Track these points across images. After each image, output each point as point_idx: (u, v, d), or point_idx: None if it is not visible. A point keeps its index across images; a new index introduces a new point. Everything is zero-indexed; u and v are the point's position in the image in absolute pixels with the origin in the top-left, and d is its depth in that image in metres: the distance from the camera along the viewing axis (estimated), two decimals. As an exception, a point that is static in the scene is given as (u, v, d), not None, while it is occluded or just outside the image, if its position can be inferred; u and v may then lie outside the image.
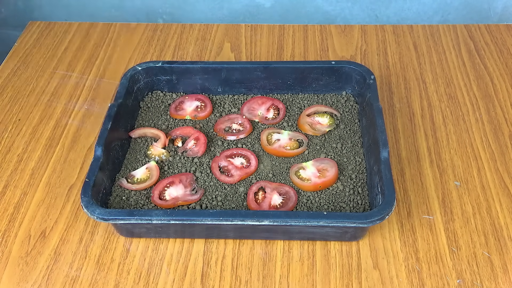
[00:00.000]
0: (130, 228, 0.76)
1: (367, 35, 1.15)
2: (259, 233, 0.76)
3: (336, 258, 0.74)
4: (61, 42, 1.15)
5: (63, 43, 1.15)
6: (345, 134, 0.89)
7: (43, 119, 0.98)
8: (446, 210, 0.80)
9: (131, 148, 0.88)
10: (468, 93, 1.00)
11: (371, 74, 0.90)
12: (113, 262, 0.75)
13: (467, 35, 1.14)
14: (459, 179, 0.84)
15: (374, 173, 0.77)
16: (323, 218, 0.69)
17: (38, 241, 0.78)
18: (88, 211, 0.71)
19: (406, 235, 0.77)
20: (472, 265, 0.73)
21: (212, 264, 0.74)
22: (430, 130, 0.92)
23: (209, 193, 0.80)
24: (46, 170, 0.88)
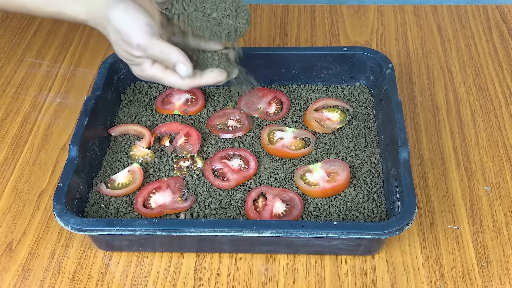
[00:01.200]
0: (110, 240, 0.76)
1: (384, 16, 1.16)
2: (259, 246, 0.76)
3: (348, 275, 0.75)
4: (29, 25, 1.16)
5: (32, 26, 1.15)
6: (358, 131, 0.89)
7: (9, 114, 0.98)
8: (474, 220, 0.80)
9: (111, 148, 0.89)
10: (500, 84, 1.00)
11: (388, 62, 0.90)
12: (90, 279, 0.75)
13: (500, 17, 1.14)
14: (490, 184, 0.85)
15: (392, 177, 0.78)
16: (333, 229, 0.70)
17: (4, 256, 0.78)
18: (62, 220, 0.72)
19: (429, 248, 0.77)
20: (505, 282, 0.74)
21: (205, 282, 0.75)
22: (456, 127, 0.93)
23: (201, 200, 0.81)
24: (12, 173, 0.88)
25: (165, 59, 0.74)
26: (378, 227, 0.70)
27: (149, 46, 0.73)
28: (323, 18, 1.16)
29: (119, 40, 0.74)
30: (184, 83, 0.77)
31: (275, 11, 1.17)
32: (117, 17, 0.72)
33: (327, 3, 1.20)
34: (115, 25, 0.73)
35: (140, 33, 0.72)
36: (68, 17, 0.75)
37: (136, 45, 0.73)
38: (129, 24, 0.72)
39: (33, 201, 0.85)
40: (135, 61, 0.76)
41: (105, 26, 0.74)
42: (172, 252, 0.78)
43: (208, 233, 0.70)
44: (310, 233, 0.70)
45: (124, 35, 0.73)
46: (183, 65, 0.74)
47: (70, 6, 0.74)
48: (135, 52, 0.74)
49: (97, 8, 0.73)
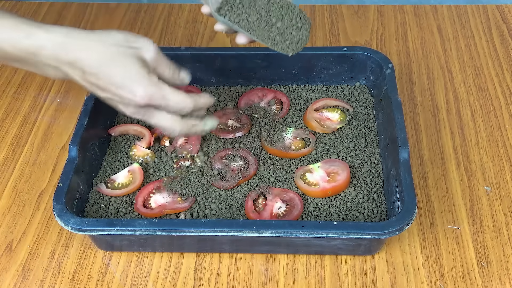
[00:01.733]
0: (110, 240, 0.76)
1: (384, 16, 1.16)
2: (259, 246, 0.76)
3: (348, 275, 0.75)
4: (29, 25, 1.16)
5: (32, 26, 1.15)
6: (358, 131, 0.89)
7: (9, 114, 0.98)
8: (474, 220, 0.81)
9: (111, 148, 0.89)
10: (500, 84, 1.00)
11: (388, 62, 0.90)
12: (90, 279, 0.75)
13: (500, 17, 1.14)
14: (490, 184, 0.85)
15: (392, 177, 0.78)
16: (333, 229, 0.70)
17: (4, 255, 0.78)
18: (62, 220, 0.72)
19: (429, 248, 0.78)
20: (505, 282, 0.74)
21: (205, 282, 0.75)
22: (456, 127, 0.93)
23: (201, 200, 0.81)
24: (12, 173, 0.88)
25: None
26: (378, 227, 0.70)
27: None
28: (323, 18, 1.16)
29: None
30: (190, 100, 0.70)
31: (275, 11, 1.17)
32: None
33: (327, 3, 1.20)
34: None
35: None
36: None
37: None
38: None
39: (33, 201, 0.85)
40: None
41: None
42: (172, 252, 0.78)
43: (208, 233, 0.70)
44: (310, 233, 0.70)
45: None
46: (185, 72, 0.73)
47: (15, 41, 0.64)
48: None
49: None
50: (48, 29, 0.65)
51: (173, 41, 1.12)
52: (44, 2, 1.21)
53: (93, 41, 0.66)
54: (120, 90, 0.66)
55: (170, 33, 1.13)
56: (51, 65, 0.66)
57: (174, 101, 0.68)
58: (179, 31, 1.14)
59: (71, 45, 0.65)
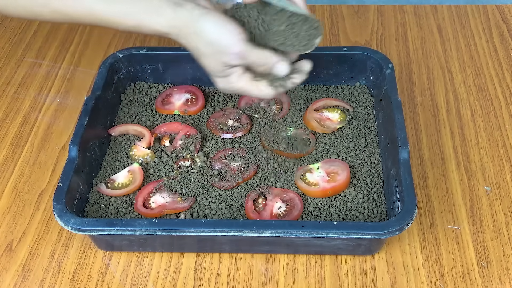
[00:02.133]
0: (110, 240, 0.76)
1: (384, 16, 1.16)
2: (259, 246, 0.76)
3: (348, 275, 0.75)
4: (29, 25, 1.16)
5: (32, 26, 1.15)
6: (358, 131, 0.89)
7: (9, 114, 0.98)
8: (474, 220, 0.81)
9: (111, 148, 0.89)
10: (500, 84, 1.00)
11: (388, 62, 0.90)
12: (90, 279, 0.75)
13: (500, 17, 1.14)
14: (490, 184, 0.85)
15: (392, 177, 0.78)
16: (333, 229, 0.70)
17: (4, 255, 0.78)
18: (62, 220, 0.72)
19: (429, 248, 0.78)
20: (505, 282, 0.74)
21: (205, 282, 0.75)
22: (456, 127, 0.93)
23: (201, 200, 0.81)
24: (12, 173, 0.89)
25: (261, 63, 0.73)
26: (378, 227, 0.70)
27: (247, 53, 0.71)
28: (323, 18, 1.16)
29: (213, 52, 0.71)
30: (271, 91, 0.75)
31: (275, 11, 1.17)
32: (209, 29, 0.70)
33: (327, 3, 1.20)
34: (208, 38, 0.70)
35: (237, 41, 0.70)
36: (148, 30, 0.72)
37: (236, 53, 0.70)
38: (224, 35, 0.70)
39: (33, 201, 0.85)
40: (226, 72, 0.72)
41: (193, 39, 0.71)
42: (172, 252, 0.78)
43: (208, 233, 0.70)
44: (310, 233, 0.70)
45: (220, 46, 0.70)
46: (282, 64, 0.73)
47: (152, 19, 0.71)
48: (233, 61, 0.71)
49: (183, 21, 0.70)
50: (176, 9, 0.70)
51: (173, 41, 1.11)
52: (44, 2, 1.21)
53: (193, 34, 0.71)
54: (217, 50, 0.71)
55: (170, 33, 1.13)
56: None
57: (254, 95, 0.75)
58: (179, 31, 1.14)
59: (180, 36, 0.72)
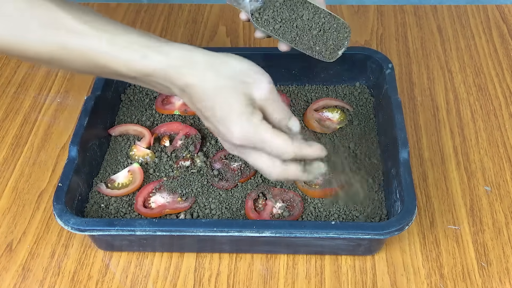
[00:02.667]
0: (110, 240, 0.76)
1: (384, 16, 1.16)
2: (259, 246, 0.76)
3: (348, 275, 0.75)
4: (29, 25, 1.16)
5: (32, 26, 1.15)
6: (358, 131, 0.89)
7: (9, 114, 0.98)
8: (474, 220, 0.81)
9: (111, 148, 0.89)
10: (500, 84, 1.00)
11: (388, 62, 0.90)
12: (90, 279, 0.75)
13: (500, 17, 1.14)
14: (490, 184, 0.85)
15: (392, 177, 0.78)
16: (333, 229, 0.70)
17: (4, 255, 0.78)
18: (62, 220, 0.72)
19: (429, 248, 0.78)
20: (505, 282, 0.74)
21: (205, 282, 0.75)
22: (456, 127, 0.93)
23: (201, 200, 0.81)
24: (12, 173, 0.89)
25: (281, 109, 0.64)
26: (378, 227, 0.70)
27: (274, 90, 0.64)
28: (323, 18, 1.16)
29: (235, 85, 0.62)
30: (293, 147, 0.64)
31: (275, 11, 1.17)
32: (234, 59, 0.63)
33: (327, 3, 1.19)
34: (236, 66, 0.63)
35: (266, 74, 0.63)
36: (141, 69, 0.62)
37: (267, 84, 0.63)
38: (252, 63, 0.64)
39: (33, 201, 0.85)
40: (249, 109, 0.62)
41: (205, 73, 0.62)
42: (172, 252, 0.78)
43: (208, 233, 0.70)
44: (310, 233, 0.70)
45: (250, 75, 0.63)
46: (295, 120, 0.65)
47: (154, 56, 0.62)
48: (261, 95, 0.63)
49: (190, 55, 0.62)
50: (163, 50, 0.63)
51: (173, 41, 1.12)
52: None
53: (208, 70, 0.62)
54: (219, 125, 0.63)
55: (170, 33, 1.13)
56: (162, 85, 0.64)
57: (273, 146, 0.63)
58: (179, 31, 1.14)
59: (185, 70, 0.62)
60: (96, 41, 0.61)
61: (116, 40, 0.62)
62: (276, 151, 0.63)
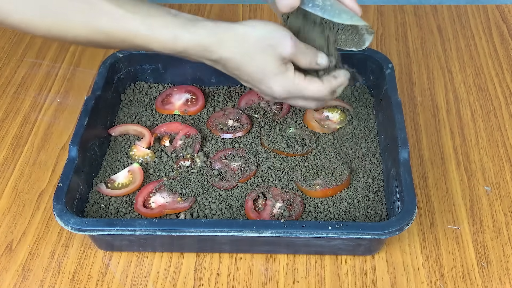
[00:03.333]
0: (110, 240, 0.76)
1: (384, 16, 1.16)
2: (259, 246, 0.76)
3: (348, 275, 0.75)
4: (29, 25, 1.16)
5: (32, 26, 1.15)
6: (358, 131, 0.89)
7: (9, 114, 0.98)
8: (474, 220, 0.80)
9: (111, 148, 0.89)
10: (500, 84, 1.00)
11: (388, 62, 0.90)
12: (90, 279, 0.75)
13: (500, 17, 1.14)
14: (490, 184, 0.85)
15: (392, 177, 0.78)
16: (333, 229, 0.70)
17: (4, 255, 0.78)
18: (62, 220, 0.72)
19: (429, 248, 0.78)
20: (505, 282, 0.74)
21: (205, 282, 0.75)
22: (456, 127, 0.93)
23: (201, 200, 0.81)
24: (12, 173, 0.88)
25: (308, 54, 0.72)
26: (378, 227, 0.70)
27: (297, 42, 0.70)
28: (323, 18, 1.16)
29: (264, 48, 0.69)
30: (325, 87, 0.73)
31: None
32: (255, 26, 0.69)
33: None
34: (259, 33, 0.69)
35: (287, 31, 0.70)
36: (184, 44, 0.69)
37: (290, 41, 0.69)
38: (273, 26, 0.70)
39: (33, 201, 0.85)
40: (282, 68, 0.71)
41: (237, 43, 0.69)
42: (172, 252, 0.78)
43: (208, 233, 0.70)
44: (310, 233, 0.70)
45: (274, 37, 0.69)
46: (322, 55, 0.73)
47: (188, 31, 0.68)
48: (289, 51, 0.70)
49: (223, 27, 0.69)
50: (194, 31, 0.68)
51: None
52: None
53: (233, 41, 0.69)
54: (259, 85, 0.72)
55: (170, 33, 1.13)
56: (196, 59, 0.71)
57: (311, 93, 0.72)
58: (179, 31, 1.14)
59: (213, 47, 0.68)
60: (132, 23, 0.66)
61: (150, 21, 0.67)
62: (313, 96, 0.73)
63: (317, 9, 0.72)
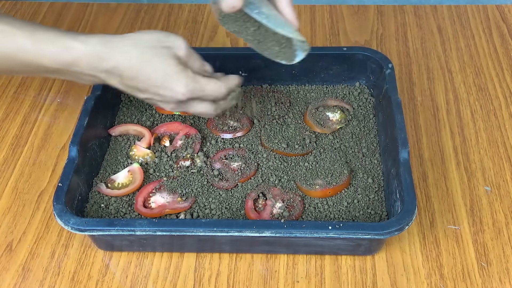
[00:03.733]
0: (110, 240, 0.76)
1: (384, 16, 1.16)
2: (259, 246, 0.76)
3: (348, 275, 0.75)
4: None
5: (32, 26, 1.15)
6: (358, 131, 0.89)
7: (9, 114, 0.98)
8: (474, 220, 0.81)
9: (111, 148, 0.89)
10: (500, 84, 1.00)
11: (388, 62, 0.90)
12: (90, 279, 0.75)
13: (500, 17, 1.14)
14: (490, 184, 0.85)
15: (392, 177, 0.78)
16: (333, 229, 0.70)
17: (4, 255, 0.78)
18: (62, 220, 0.72)
19: (429, 248, 0.78)
20: (505, 282, 0.74)
21: (205, 282, 0.75)
22: (456, 127, 0.93)
23: (201, 200, 0.81)
24: (12, 173, 0.89)
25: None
26: (378, 227, 0.70)
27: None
28: (323, 18, 1.16)
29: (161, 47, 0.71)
30: (223, 85, 0.76)
31: (275, 11, 1.17)
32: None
33: (327, 3, 1.20)
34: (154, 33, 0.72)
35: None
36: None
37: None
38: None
39: (33, 201, 0.85)
40: (180, 67, 0.73)
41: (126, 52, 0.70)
42: (172, 252, 0.78)
43: (208, 233, 0.70)
44: (310, 233, 0.70)
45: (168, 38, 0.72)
46: (207, 63, 0.76)
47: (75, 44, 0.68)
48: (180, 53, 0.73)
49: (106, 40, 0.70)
50: (84, 40, 0.68)
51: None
52: (44, 2, 1.21)
53: (128, 46, 0.69)
54: (161, 90, 0.71)
55: (170, 33, 1.13)
56: (89, 74, 0.70)
57: (210, 90, 0.73)
58: (179, 31, 1.14)
59: (107, 54, 0.68)
60: (20, 39, 0.66)
61: (39, 36, 0.66)
62: (213, 94, 0.74)
63: (263, 17, 0.71)
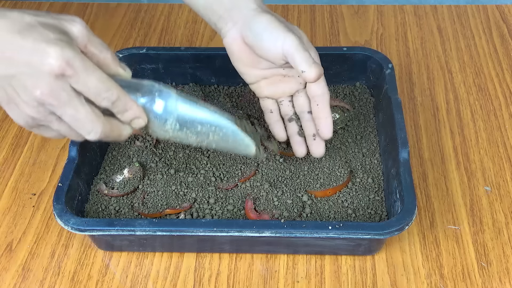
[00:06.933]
0: (110, 240, 0.76)
1: (384, 16, 1.16)
2: (259, 246, 0.76)
3: (348, 275, 0.75)
4: (29, 25, 1.16)
5: (32, 26, 1.15)
6: (358, 131, 0.89)
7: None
8: (474, 220, 0.81)
9: (111, 148, 0.89)
10: (500, 84, 1.00)
11: (388, 62, 0.90)
12: (90, 279, 0.75)
13: (500, 17, 1.14)
14: (490, 184, 0.85)
15: (392, 177, 0.78)
16: (333, 229, 0.70)
17: (4, 256, 0.78)
18: (62, 220, 0.72)
19: (429, 248, 0.78)
20: (505, 282, 0.74)
21: (205, 282, 0.75)
22: (456, 127, 0.93)
23: (202, 200, 0.81)
24: (12, 173, 0.89)
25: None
26: (378, 227, 0.70)
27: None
28: (323, 18, 1.16)
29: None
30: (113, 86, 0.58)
31: (275, 11, 1.17)
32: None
33: (327, 3, 1.20)
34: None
35: None
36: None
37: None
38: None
39: (33, 201, 0.85)
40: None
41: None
42: (172, 252, 0.78)
43: (208, 233, 0.70)
44: (310, 233, 0.70)
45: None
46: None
47: None
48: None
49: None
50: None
51: (173, 41, 1.12)
52: (44, 2, 1.21)
53: (6, 17, 0.53)
54: (28, 57, 0.52)
55: (170, 33, 1.13)
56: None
57: (96, 78, 0.55)
58: (179, 31, 1.14)
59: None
60: None
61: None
62: (98, 87, 0.56)
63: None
